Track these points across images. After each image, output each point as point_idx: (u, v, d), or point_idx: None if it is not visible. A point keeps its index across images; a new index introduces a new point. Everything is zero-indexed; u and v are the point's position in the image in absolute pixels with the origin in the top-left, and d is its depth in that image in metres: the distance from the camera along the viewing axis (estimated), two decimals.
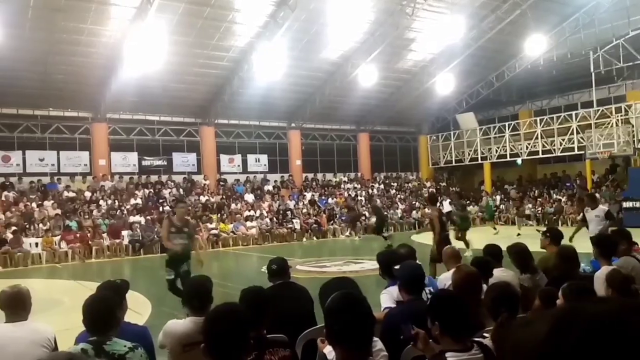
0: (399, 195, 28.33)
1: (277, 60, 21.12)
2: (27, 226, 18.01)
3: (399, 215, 25.64)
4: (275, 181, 26.75)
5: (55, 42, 18.44)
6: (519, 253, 4.90)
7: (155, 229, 19.70)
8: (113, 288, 3.72)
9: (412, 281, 3.72)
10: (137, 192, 22.42)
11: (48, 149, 21.91)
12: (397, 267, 4.06)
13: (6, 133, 20.95)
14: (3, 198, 19.48)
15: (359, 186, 28.39)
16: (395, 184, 29.98)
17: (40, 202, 19.89)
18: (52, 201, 20.07)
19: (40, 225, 18.34)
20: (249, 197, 24.40)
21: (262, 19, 20.53)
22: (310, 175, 28.18)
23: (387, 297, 4.03)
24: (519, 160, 28.98)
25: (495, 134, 28.61)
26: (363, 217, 23.67)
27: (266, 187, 25.94)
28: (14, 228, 17.58)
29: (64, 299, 10.13)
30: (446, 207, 24.18)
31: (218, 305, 2.59)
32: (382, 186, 29.23)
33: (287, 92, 24.24)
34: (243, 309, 2.72)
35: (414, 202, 27.27)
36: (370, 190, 27.95)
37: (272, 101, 24.24)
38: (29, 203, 19.57)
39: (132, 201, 21.59)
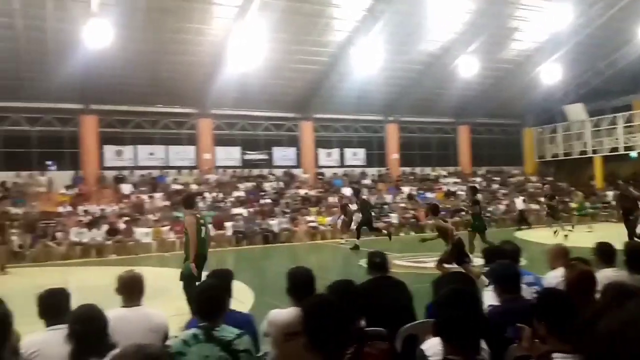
0: (501, 190, 27.07)
1: (375, 53, 20.94)
2: (139, 217, 19.09)
3: (502, 211, 24.47)
4: (373, 175, 26.54)
5: (163, 42, 19.37)
6: (633, 252, 4.55)
7: (257, 221, 20.25)
8: (221, 276, 3.81)
9: (504, 279, 3.66)
10: (239, 185, 23.11)
11: (157, 143, 23.16)
12: (486, 267, 4.01)
13: (119, 129, 22.38)
14: (118, 190, 20.85)
15: (458, 180, 27.46)
16: (498, 179, 28.69)
17: (150, 194, 21.05)
18: (161, 193, 21.19)
19: (150, 215, 19.39)
20: (347, 191, 24.35)
21: (360, 13, 20.51)
22: (408, 169, 27.66)
23: (491, 295, 3.93)
24: (633, 154, 26.71)
25: (606, 125, 26.59)
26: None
27: (364, 181, 25.78)
28: (126, 218, 18.69)
29: (171, 286, 10.52)
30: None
31: (313, 297, 2.60)
32: (481, 180, 28.05)
33: (384, 85, 23.92)
34: (337, 301, 2.69)
35: (518, 198, 25.92)
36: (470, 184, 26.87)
37: (369, 94, 24.00)
38: (140, 195, 20.78)
39: (235, 194, 22.29)
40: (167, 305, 3.89)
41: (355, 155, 27.00)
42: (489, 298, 3.93)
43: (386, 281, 4.41)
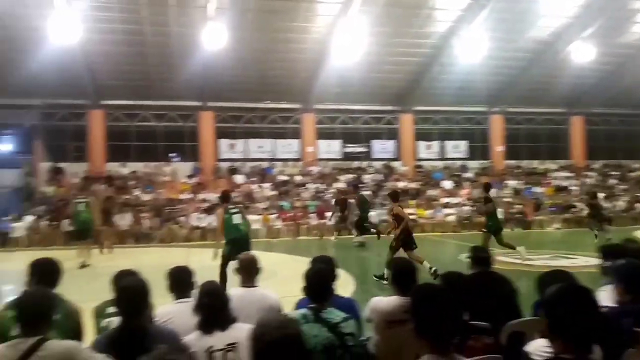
0: (620, 186, 25.34)
1: (479, 42, 20.58)
2: (249, 205, 20.63)
3: (621, 208, 23.00)
4: (475, 168, 26.08)
5: (271, 42, 20.66)
6: None
7: (356, 212, 20.91)
8: (326, 262, 3.98)
9: (630, 279, 3.39)
10: (340, 176, 23.99)
11: (266, 137, 24.75)
12: (607, 263, 3.81)
13: (232, 124, 24.21)
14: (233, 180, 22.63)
15: (571, 174, 26.15)
16: (617, 173, 26.82)
17: (259, 184, 22.60)
18: (269, 183, 22.66)
19: (259, 204, 20.88)
20: (447, 184, 24.29)
21: (464, 2, 20.26)
22: (513, 162, 26.81)
23: (607, 295, 3.73)
24: None
25: None
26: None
27: (465, 175, 25.47)
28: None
29: (278, 270, 11.34)
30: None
31: (422, 285, 2.61)
32: (597, 175, 26.46)
33: (489, 75, 23.36)
34: (448, 290, 2.69)
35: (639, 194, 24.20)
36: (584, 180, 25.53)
37: (472, 85, 23.61)
38: (250, 185, 22.40)
39: (336, 185, 23.20)
40: (276, 288, 4.48)
41: (457, 148, 26.71)
42: (605, 298, 3.68)
43: (490, 276, 4.36)
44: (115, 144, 22.84)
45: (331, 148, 25.36)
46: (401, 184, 23.66)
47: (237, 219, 8.88)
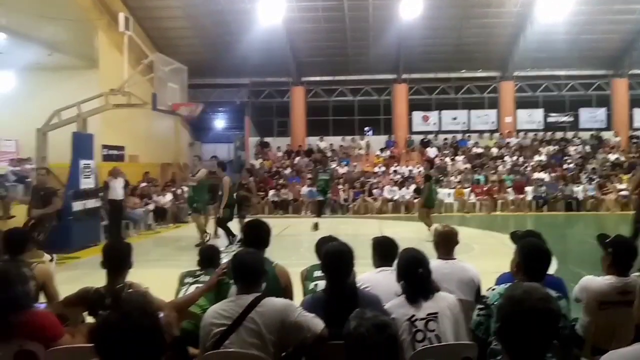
0: None
1: None
2: (442, 178, 20.49)
3: None
4: None
5: (467, 7, 19.81)
6: None
7: (559, 187, 19.55)
8: (538, 236, 3.77)
9: None
10: (541, 149, 22.48)
11: (460, 108, 24.11)
12: None
13: (425, 95, 24.01)
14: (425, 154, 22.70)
15: None
16: None
17: (452, 157, 22.24)
18: (462, 156, 22.18)
19: (453, 177, 20.61)
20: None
21: None
22: None
23: None
24: None
25: None
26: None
27: None
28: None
29: (473, 245, 11.31)
30: None
31: None
32: None
33: None
34: None
35: None
36: None
37: None
38: (443, 157, 22.17)
39: (537, 158, 21.81)
40: (472, 262, 4.46)
41: None
42: None
43: None
44: (314, 119, 24.22)
45: (532, 118, 23.80)
46: (612, 157, 21.41)
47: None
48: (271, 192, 20.10)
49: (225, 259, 4.22)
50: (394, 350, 1.98)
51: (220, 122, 29.61)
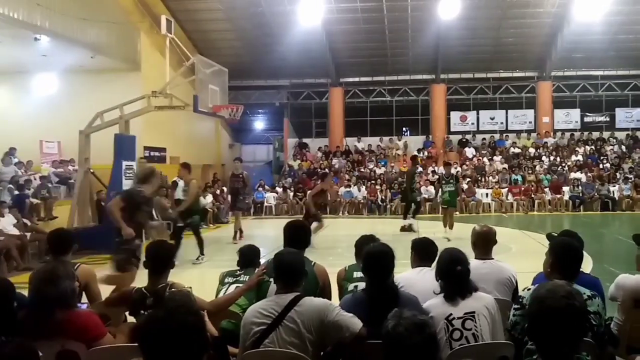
0: None
1: None
2: (479, 178, 20.69)
3: None
4: None
5: (506, 7, 19.92)
6: None
7: (595, 187, 19.52)
8: (574, 236, 3.76)
9: None
10: (578, 149, 22.44)
11: (498, 108, 24.21)
12: None
13: (464, 95, 24.18)
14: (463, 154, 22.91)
15: None
16: None
17: (490, 157, 22.41)
18: (500, 156, 22.33)
19: (490, 177, 20.80)
20: None
21: None
22: None
23: None
24: None
25: None
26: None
27: None
28: (468, 179, 20.47)
29: (510, 245, 11.17)
30: None
31: None
32: None
33: None
34: None
35: None
36: None
37: None
38: (481, 157, 22.36)
39: (573, 158, 21.80)
40: (509, 262, 4.60)
41: None
42: None
43: None
44: (352, 120, 24.56)
45: (569, 118, 23.79)
46: None
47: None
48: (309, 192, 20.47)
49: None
50: (432, 349, 1.99)
51: (259, 124, 30.18)
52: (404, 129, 24.97)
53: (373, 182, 20.59)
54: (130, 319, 3.68)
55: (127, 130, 12.78)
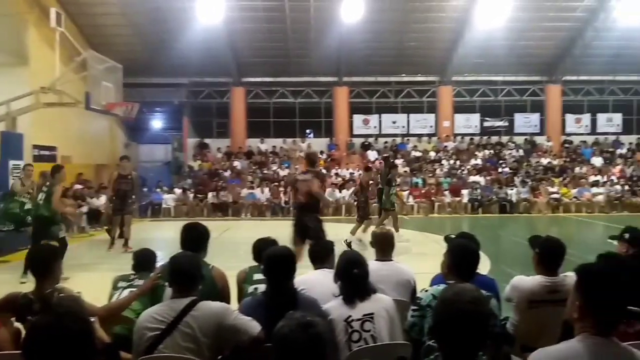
0: None
1: None
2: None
3: None
4: (630, 143, 23.63)
5: (410, 11, 20.05)
6: None
7: (494, 190, 20.13)
8: (471, 237, 3.84)
9: None
10: (477, 152, 23.10)
11: (400, 112, 24.37)
12: None
13: (366, 99, 24.15)
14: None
15: None
16: None
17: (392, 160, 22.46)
18: (401, 160, 22.46)
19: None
20: (597, 161, 22.36)
21: None
22: None
23: None
24: None
25: None
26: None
27: (618, 151, 23.21)
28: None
29: (411, 246, 11.38)
30: None
31: (593, 265, 2.40)
32: None
33: None
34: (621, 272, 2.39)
35: None
36: None
37: (631, 52, 21.39)
38: (382, 161, 22.33)
39: (473, 161, 22.40)
40: (409, 264, 4.46)
41: (610, 121, 24.26)
42: None
43: None
44: (255, 121, 23.87)
45: (469, 122, 24.35)
46: (545, 160, 22.30)
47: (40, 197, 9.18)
48: (210, 195, 19.64)
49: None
50: (320, 349, 1.92)
51: (157, 123, 28.68)
52: (307, 131, 24.60)
53: (276, 184, 20.03)
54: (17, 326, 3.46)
55: (14, 127, 12.54)
